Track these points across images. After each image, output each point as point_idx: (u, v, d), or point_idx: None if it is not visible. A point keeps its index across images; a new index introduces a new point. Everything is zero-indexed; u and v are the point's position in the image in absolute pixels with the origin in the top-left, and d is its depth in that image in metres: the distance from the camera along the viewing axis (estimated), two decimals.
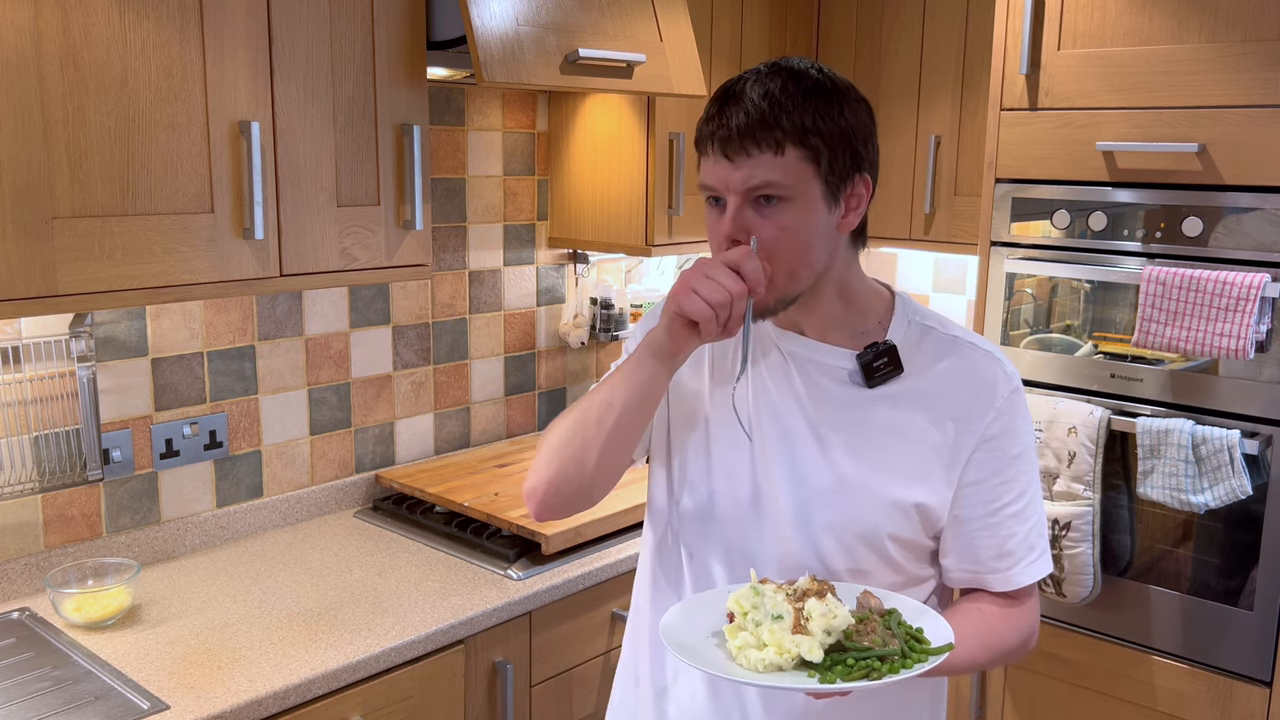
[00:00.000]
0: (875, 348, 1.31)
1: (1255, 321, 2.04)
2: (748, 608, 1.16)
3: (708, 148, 1.25)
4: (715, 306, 1.17)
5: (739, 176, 1.22)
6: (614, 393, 1.27)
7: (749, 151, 1.21)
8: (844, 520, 1.28)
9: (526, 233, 2.77)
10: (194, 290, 1.74)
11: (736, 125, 1.21)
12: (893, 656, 1.12)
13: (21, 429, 1.93)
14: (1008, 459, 1.31)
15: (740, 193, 1.22)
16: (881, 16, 2.83)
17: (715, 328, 1.18)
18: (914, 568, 1.33)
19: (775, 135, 1.20)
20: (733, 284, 1.17)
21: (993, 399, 1.30)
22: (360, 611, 1.93)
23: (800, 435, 1.30)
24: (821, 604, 1.14)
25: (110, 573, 1.92)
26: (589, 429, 1.28)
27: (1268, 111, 2.04)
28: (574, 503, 1.32)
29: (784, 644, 1.12)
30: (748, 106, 1.21)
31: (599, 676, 2.22)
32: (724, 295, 1.17)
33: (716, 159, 1.23)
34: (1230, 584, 2.17)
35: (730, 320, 1.19)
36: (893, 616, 1.19)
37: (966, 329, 1.37)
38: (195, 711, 1.59)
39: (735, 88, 1.24)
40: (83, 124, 1.58)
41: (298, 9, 1.81)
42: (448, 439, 2.67)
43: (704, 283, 1.18)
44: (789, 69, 1.24)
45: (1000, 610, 1.32)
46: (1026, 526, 1.32)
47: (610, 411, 1.26)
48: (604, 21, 2.19)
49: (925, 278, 3.24)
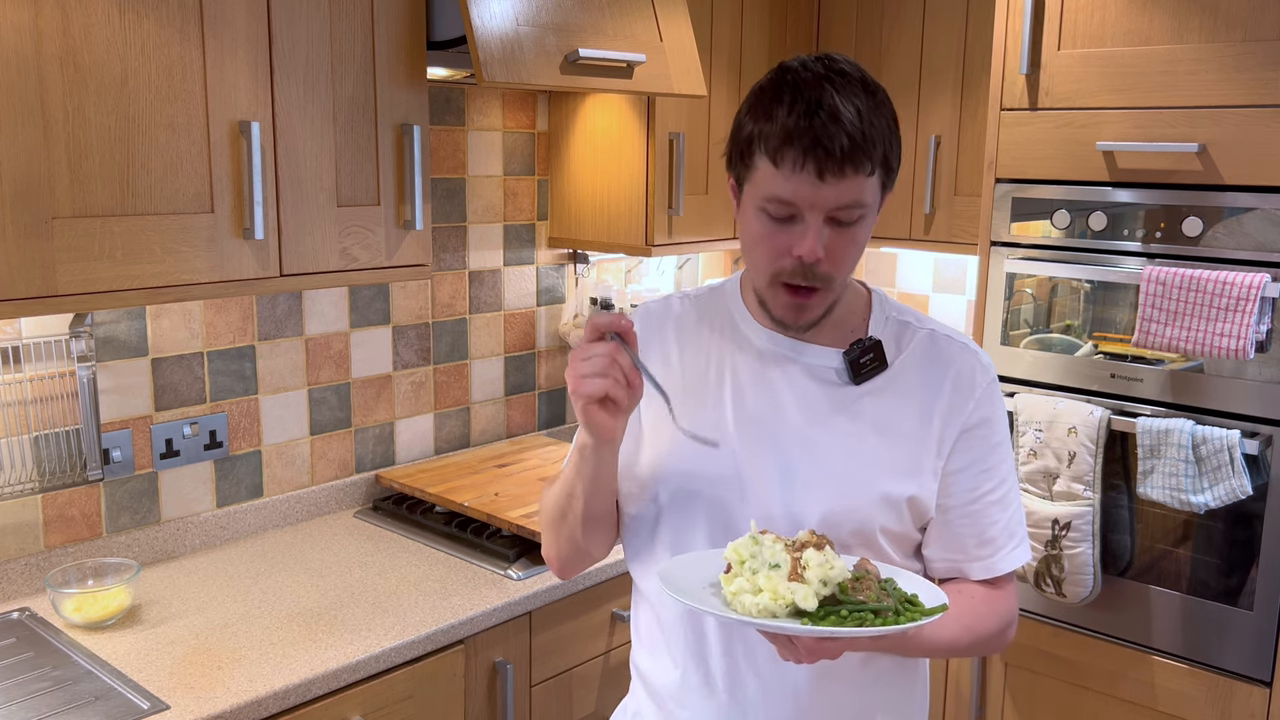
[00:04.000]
0: (861, 344, 1.32)
1: (1255, 321, 2.04)
2: (745, 556, 1.17)
3: (786, 160, 1.18)
4: (606, 373, 1.18)
5: (829, 196, 1.19)
6: (572, 485, 1.33)
7: (846, 174, 1.18)
8: (836, 517, 1.29)
9: (526, 233, 2.77)
10: (194, 290, 1.74)
11: (841, 147, 1.16)
12: (886, 612, 1.13)
13: (21, 429, 1.93)
14: (988, 447, 1.34)
15: (825, 211, 1.20)
16: (881, 16, 2.83)
17: (622, 390, 1.19)
18: (903, 561, 1.34)
19: (871, 157, 1.19)
20: (604, 347, 1.18)
21: (972, 389, 1.33)
22: (360, 611, 1.93)
23: (790, 434, 1.31)
24: (819, 554, 1.15)
25: (110, 573, 1.92)
26: (567, 520, 1.36)
27: (1268, 111, 2.04)
28: (587, 563, 1.43)
29: (779, 590, 1.13)
30: (848, 128, 1.16)
31: (599, 676, 2.22)
32: (604, 360, 1.18)
33: (801, 175, 1.18)
34: (1230, 584, 2.18)
35: (628, 373, 1.19)
36: (889, 583, 1.19)
37: (941, 322, 1.40)
38: (195, 711, 1.59)
39: (817, 98, 1.18)
40: (83, 124, 1.58)
41: (298, 9, 1.81)
42: (448, 439, 2.67)
43: (582, 365, 1.19)
44: (860, 78, 1.21)
45: (982, 595, 1.34)
46: (1007, 514, 1.35)
47: (576, 502, 1.33)
48: (604, 21, 2.19)
49: (925, 278, 3.24)
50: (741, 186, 1.27)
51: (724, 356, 1.36)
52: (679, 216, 2.60)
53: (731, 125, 1.29)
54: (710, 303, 1.42)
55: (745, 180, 1.26)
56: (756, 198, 1.23)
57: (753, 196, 1.24)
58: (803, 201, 1.20)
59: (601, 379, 1.17)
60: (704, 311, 1.41)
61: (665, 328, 1.41)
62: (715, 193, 2.73)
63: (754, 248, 1.27)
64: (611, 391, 1.18)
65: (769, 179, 1.21)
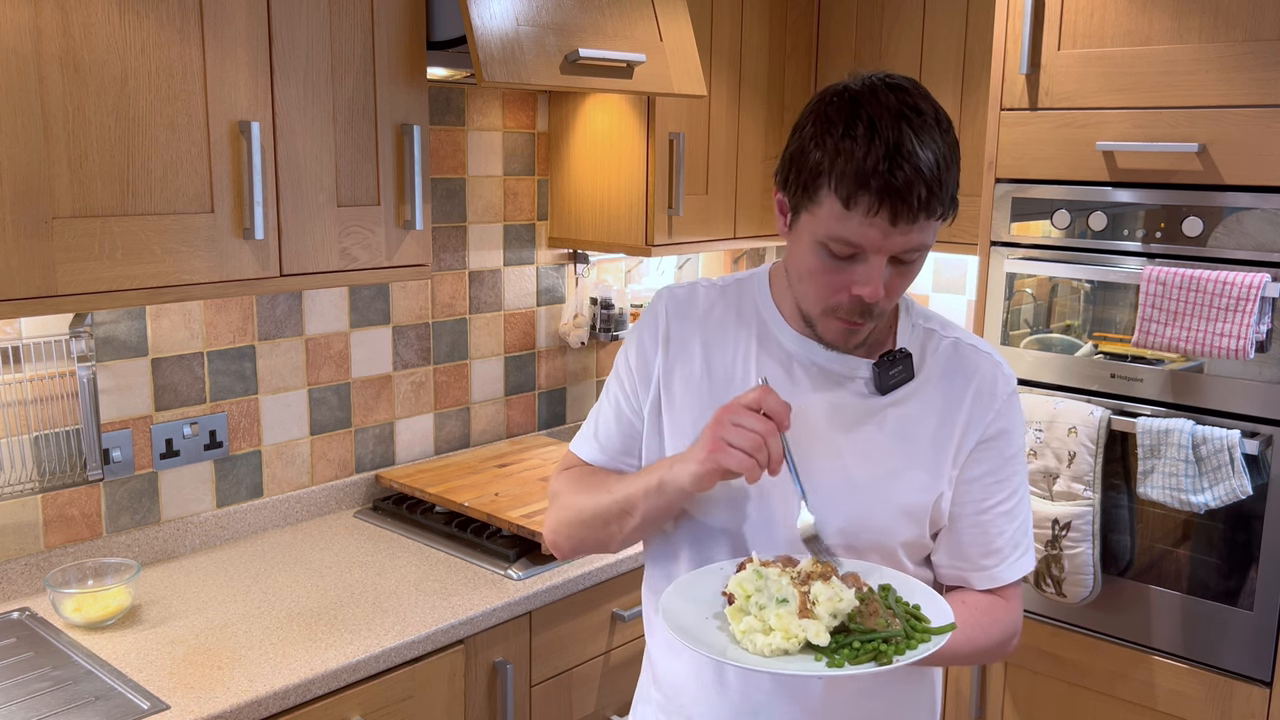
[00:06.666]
0: (891, 356, 1.31)
1: (1255, 321, 2.04)
2: (751, 590, 1.16)
3: (860, 204, 1.14)
4: (753, 453, 1.15)
5: (899, 242, 1.16)
6: (633, 503, 1.29)
7: (918, 220, 1.15)
8: (856, 526, 1.28)
9: (526, 233, 2.77)
10: (194, 290, 1.74)
11: (919, 198, 1.13)
12: (896, 638, 1.13)
13: (21, 429, 1.93)
14: (1003, 459, 1.33)
15: (890, 253, 1.18)
16: (881, 16, 2.83)
17: (758, 475, 1.17)
18: (916, 569, 1.34)
19: (943, 205, 1.17)
20: (761, 425, 1.16)
21: (992, 400, 1.32)
22: (360, 611, 1.93)
23: (814, 441, 1.30)
24: (828, 587, 1.15)
25: (110, 573, 1.92)
26: (609, 525, 1.33)
27: (1268, 111, 2.04)
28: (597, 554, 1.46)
29: (791, 628, 1.12)
30: (928, 177, 1.13)
31: (599, 676, 2.22)
32: (757, 440, 1.15)
33: (873, 220, 1.14)
34: (1230, 584, 2.17)
35: (771, 460, 1.16)
36: (889, 594, 1.19)
37: (964, 329, 1.38)
38: (195, 711, 1.59)
39: (896, 140, 1.13)
40: (83, 124, 1.58)
41: (298, 9, 1.81)
42: (448, 439, 2.67)
43: (734, 432, 1.16)
44: (934, 114, 1.17)
45: (985, 604, 1.33)
46: (1014, 525, 1.34)
47: (629, 519, 1.30)
48: (604, 21, 2.19)
49: (925, 278, 3.24)
50: (798, 213, 1.22)
51: (750, 355, 1.34)
52: (679, 216, 2.60)
53: (790, 143, 1.22)
54: (737, 296, 1.39)
55: (804, 210, 1.20)
56: (818, 232, 1.19)
57: (812, 229, 1.19)
58: (870, 246, 1.17)
59: (747, 458, 1.15)
60: (730, 305, 1.38)
61: (692, 317, 1.38)
62: (715, 193, 2.73)
63: (808, 279, 1.24)
64: (749, 475, 1.16)
65: (836, 219, 1.16)
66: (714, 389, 1.34)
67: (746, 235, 2.85)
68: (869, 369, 1.31)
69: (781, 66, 2.87)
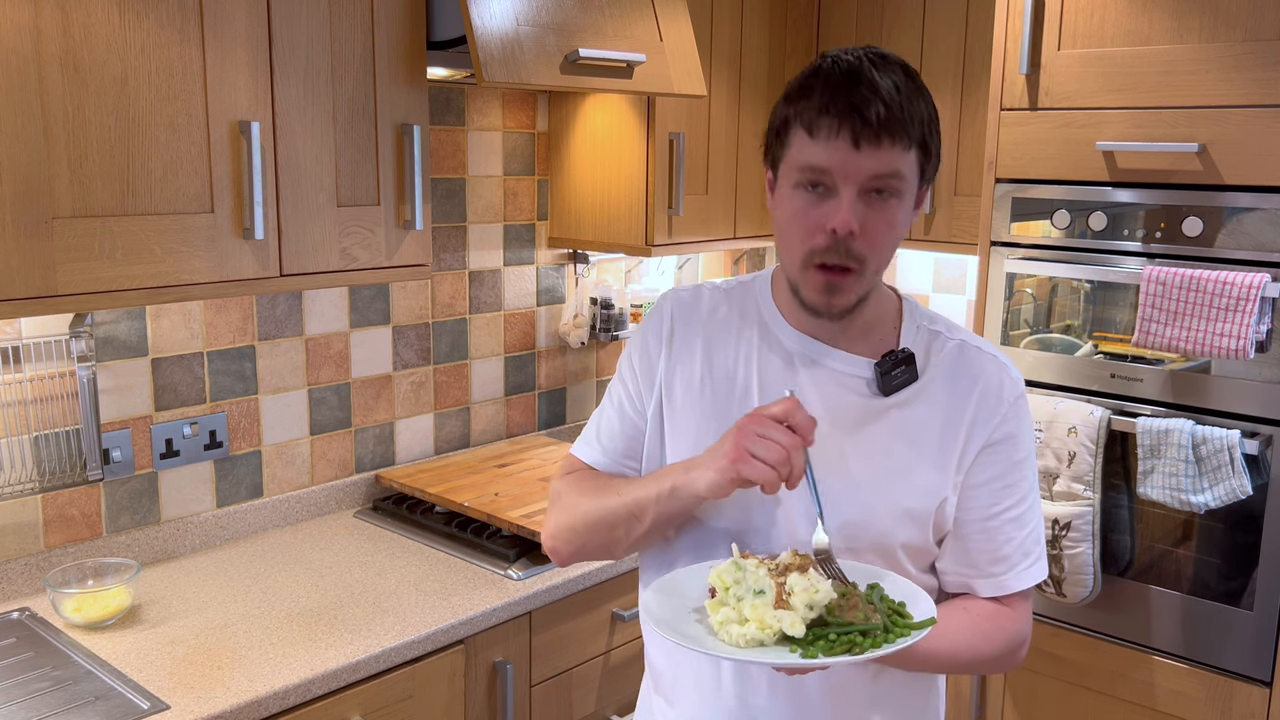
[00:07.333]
0: (894, 356, 1.30)
1: (1255, 321, 2.04)
2: (729, 582, 1.16)
3: (822, 128, 1.18)
4: (776, 466, 1.15)
5: (868, 165, 1.18)
6: (643, 507, 1.28)
7: (882, 143, 1.17)
8: (856, 528, 1.27)
9: (526, 233, 2.77)
10: (194, 290, 1.74)
11: (876, 114, 1.16)
12: (874, 631, 1.12)
13: (21, 429, 1.93)
14: (1010, 464, 1.31)
15: (860, 182, 1.19)
16: (881, 16, 2.83)
17: (778, 487, 1.16)
18: (920, 575, 1.32)
19: (908, 131, 1.18)
20: (787, 439, 1.15)
21: (999, 404, 1.30)
22: (360, 611, 1.93)
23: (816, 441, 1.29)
24: (804, 579, 1.14)
25: (110, 573, 1.92)
26: (616, 529, 1.31)
27: (1268, 111, 2.04)
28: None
29: (765, 619, 1.12)
30: (885, 97, 1.16)
31: (599, 676, 2.22)
32: (781, 454, 1.15)
33: (835, 143, 1.18)
34: (1230, 584, 2.17)
35: (792, 475, 1.16)
36: (875, 591, 1.18)
37: (971, 332, 1.37)
38: (195, 711, 1.59)
39: (855, 71, 1.18)
40: (83, 124, 1.58)
41: (298, 9, 1.81)
42: (448, 439, 2.67)
43: (758, 443, 1.15)
44: (901, 63, 1.21)
45: (989, 612, 1.31)
46: (1024, 532, 1.32)
47: (638, 523, 1.29)
48: (604, 21, 2.19)
49: (925, 278, 3.24)
50: (777, 170, 1.26)
51: (752, 356, 1.34)
52: (679, 216, 2.60)
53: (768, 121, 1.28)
54: (740, 298, 1.39)
55: (781, 160, 1.24)
56: (791, 172, 1.22)
57: (788, 174, 1.23)
58: (837, 170, 1.18)
59: (769, 471, 1.15)
60: (734, 307, 1.38)
61: (696, 319, 1.38)
62: (715, 193, 2.73)
63: (788, 229, 1.25)
64: (768, 487, 1.16)
65: (804, 149, 1.20)
66: (715, 389, 1.34)
67: (746, 235, 2.85)
68: (871, 369, 1.31)
69: (781, 66, 2.87)
